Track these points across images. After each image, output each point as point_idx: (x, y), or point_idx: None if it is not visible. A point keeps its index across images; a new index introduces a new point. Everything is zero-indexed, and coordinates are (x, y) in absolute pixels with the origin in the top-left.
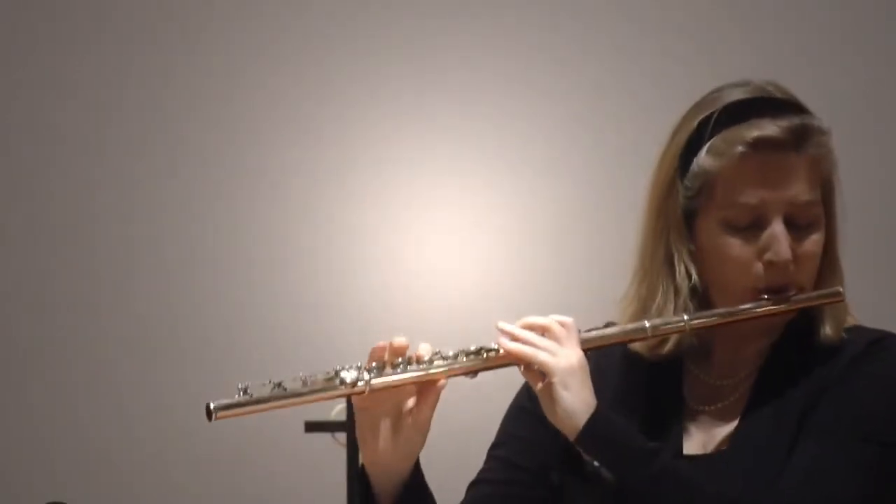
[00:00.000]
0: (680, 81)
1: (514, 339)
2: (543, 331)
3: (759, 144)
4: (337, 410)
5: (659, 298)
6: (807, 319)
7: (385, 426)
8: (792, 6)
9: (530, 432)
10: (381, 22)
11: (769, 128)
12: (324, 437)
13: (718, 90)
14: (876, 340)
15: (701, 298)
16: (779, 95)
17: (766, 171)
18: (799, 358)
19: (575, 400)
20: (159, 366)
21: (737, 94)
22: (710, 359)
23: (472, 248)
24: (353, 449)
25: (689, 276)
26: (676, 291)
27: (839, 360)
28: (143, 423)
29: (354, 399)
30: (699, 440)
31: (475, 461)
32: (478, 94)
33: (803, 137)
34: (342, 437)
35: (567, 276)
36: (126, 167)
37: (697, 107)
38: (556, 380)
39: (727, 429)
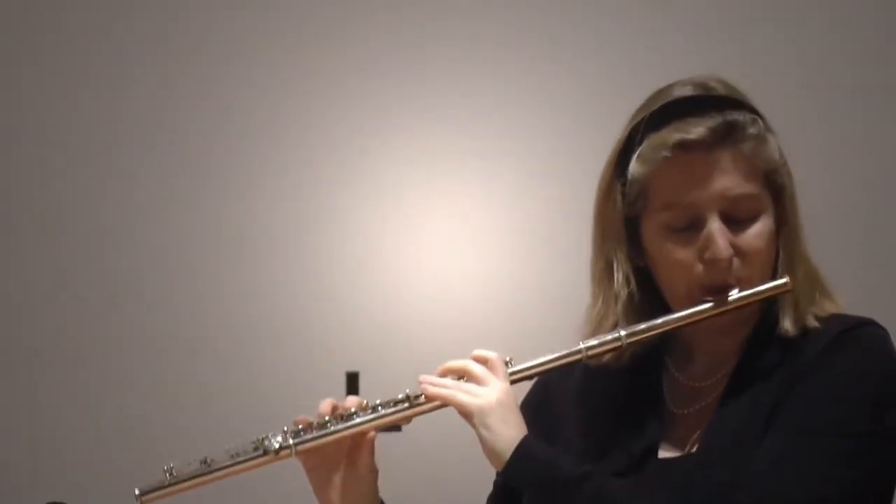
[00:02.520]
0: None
1: (434, 384)
2: (462, 374)
3: (681, 147)
4: None
5: (599, 306)
6: (774, 312)
7: (335, 479)
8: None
9: None
10: (387, 23)
11: (691, 129)
12: None
13: (656, 91)
14: (847, 329)
15: (644, 303)
16: (714, 92)
17: (693, 171)
18: (771, 352)
19: (496, 438)
20: (160, 366)
21: (668, 95)
22: (690, 360)
23: (472, 249)
24: None
25: (628, 282)
26: (615, 299)
27: (807, 352)
28: (143, 423)
29: (300, 461)
30: (675, 443)
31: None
32: (483, 99)
33: (727, 133)
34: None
35: (566, 279)
36: (129, 167)
37: (636, 111)
38: (475, 421)
39: (701, 431)
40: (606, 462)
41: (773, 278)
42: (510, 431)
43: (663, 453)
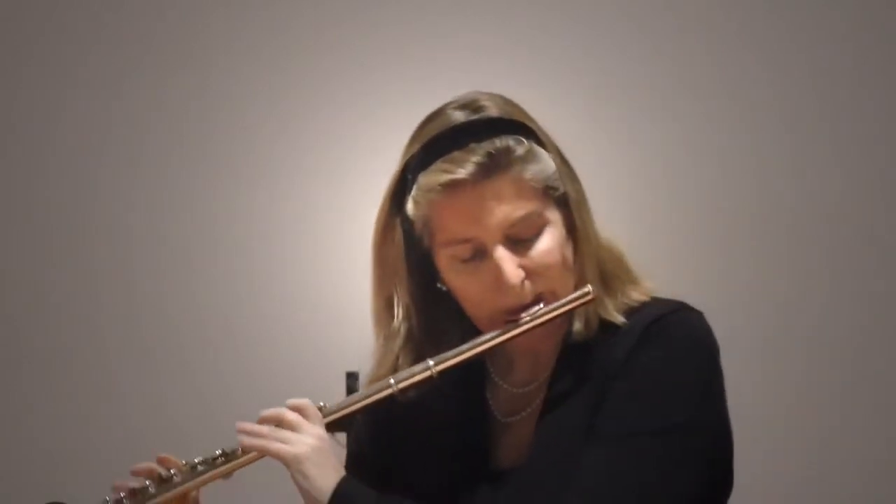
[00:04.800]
0: (681, 83)
1: (250, 434)
2: (277, 422)
3: (450, 186)
4: None
5: (380, 344)
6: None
7: None
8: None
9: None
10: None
11: (456, 169)
12: None
13: (428, 117)
14: (653, 321)
15: (427, 332)
16: (483, 115)
17: (466, 208)
18: (582, 356)
19: (312, 484)
20: (160, 366)
21: (439, 123)
22: (512, 367)
23: None
24: None
25: (409, 316)
26: (395, 335)
27: (618, 350)
28: (143, 423)
29: None
30: (508, 453)
31: None
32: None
33: (491, 164)
34: (342, 437)
35: None
36: (124, 167)
37: (411, 139)
38: (292, 468)
39: (530, 439)
40: (441, 476)
41: (578, 286)
42: (327, 476)
43: (496, 464)
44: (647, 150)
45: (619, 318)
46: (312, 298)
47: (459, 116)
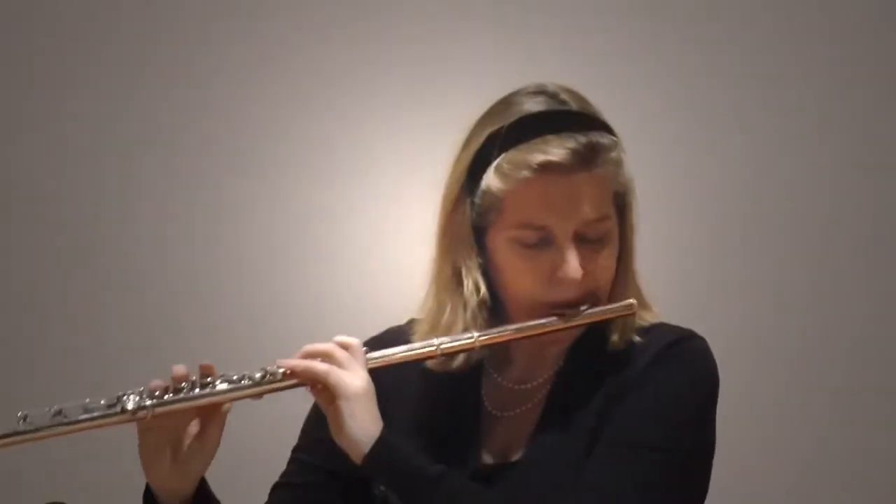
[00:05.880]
0: (682, 82)
1: (304, 360)
2: (325, 356)
3: (543, 168)
4: None
5: (448, 315)
6: (599, 325)
7: (169, 449)
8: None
9: (330, 436)
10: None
11: (553, 151)
12: None
13: (507, 99)
14: (672, 343)
15: (492, 311)
16: (568, 107)
17: (553, 195)
18: (593, 362)
19: (358, 427)
20: (159, 367)
21: (525, 107)
22: (509, 363)
23: None
24: None
25: (478, 289)
26: (464, 306)
27: (633, 363)
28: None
29: (137, 423)
30: (499, 448)
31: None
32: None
33: (589, 158)
34: None
35: None
36: (125, 167)
37: (487, 117)
38: (341, 404)
39: (525, 436)
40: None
41: (611, 294)
42: (371, 422)
43: (486, 459)
44: (648, 151)
45: (634, 337)
46: (313, 299)
47: (542, 103)
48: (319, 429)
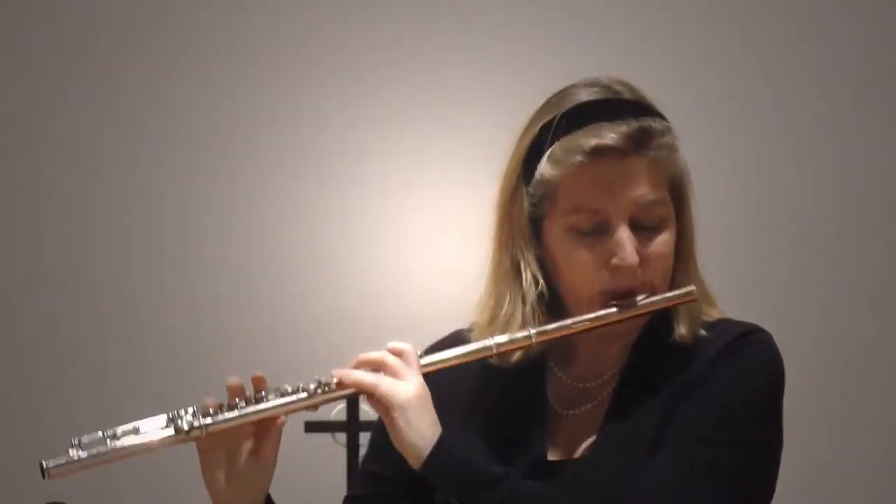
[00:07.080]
0: (688, 82)
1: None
2: (379, 366)
3: (596, 152)
4: (337, 410)
5: (507, 307)
6: (664, 318)
7: (229, 465)
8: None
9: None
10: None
11: (606, 135)
12: (324, 437)
13: (563, 91)
14: (738, 337)
15: (550, 303)
16: (622, 96)
17: (606, 178)
18: (659, 357)
19: (416, 434)
20: (159, 368)
21: (578, 97)
22: (573, 360)
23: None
24: (353, 449)
25: (536, 282)
26: (523, 299)
27: (700, 358)
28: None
29: (196, 442)
30: (565, 445)
31: None
32: (476, 90)
33: (642, 141)
34: (342, 437)
35: None
36: (123, 165)
37: (542, 109)
38: (396, 414)
39: (592, 433)
40: (497, 462)
41: (672, 285)
42: (428, 427)
43: (551, 455)
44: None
45: (701, 330)
46: (313, 299)
47: (598, 94)
48: (386, 438)
